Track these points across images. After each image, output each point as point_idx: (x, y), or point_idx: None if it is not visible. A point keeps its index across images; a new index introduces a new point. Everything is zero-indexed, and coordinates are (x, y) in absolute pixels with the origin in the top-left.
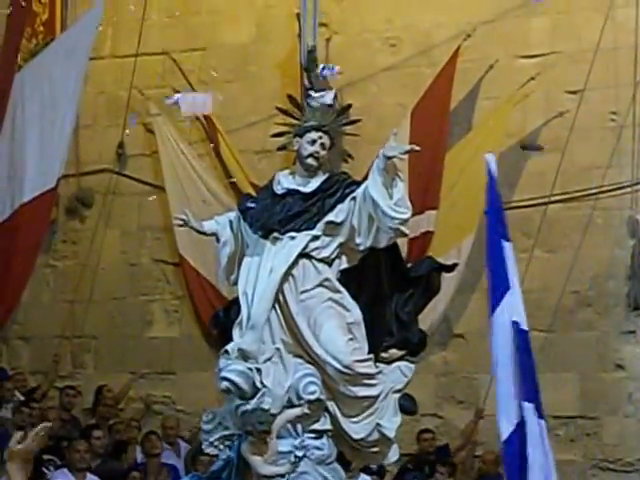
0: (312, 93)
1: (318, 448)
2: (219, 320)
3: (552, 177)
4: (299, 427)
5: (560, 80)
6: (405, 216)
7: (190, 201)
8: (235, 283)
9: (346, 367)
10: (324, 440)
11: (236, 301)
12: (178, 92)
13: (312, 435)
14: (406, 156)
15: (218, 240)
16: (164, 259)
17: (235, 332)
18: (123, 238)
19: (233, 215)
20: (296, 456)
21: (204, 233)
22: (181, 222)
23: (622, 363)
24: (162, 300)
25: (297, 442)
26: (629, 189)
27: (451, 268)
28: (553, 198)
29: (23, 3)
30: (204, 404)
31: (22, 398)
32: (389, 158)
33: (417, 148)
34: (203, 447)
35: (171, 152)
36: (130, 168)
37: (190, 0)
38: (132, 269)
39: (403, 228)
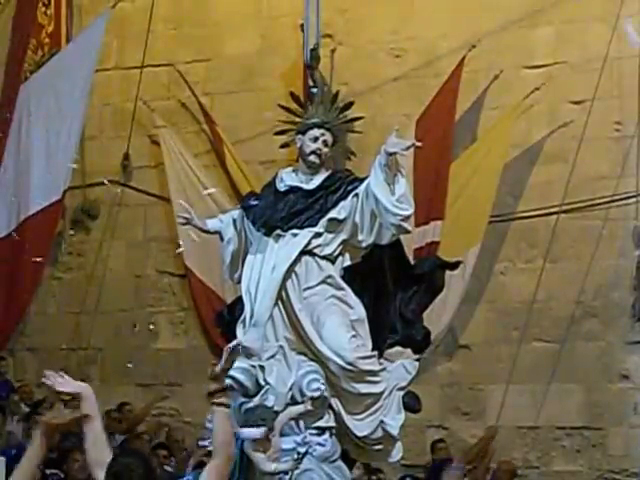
0: (315, 90)
1: (320, 444)
2: (223, 319)
3: (557, 188)
4: (302, 424)
5: (564, 90)
6: (407, 212)
7: (195, 212)
8: (239, 281)
9: (349, 364)
10: (326, 436)
11: (240, 299)
12: (184, 104)
13: (314, 431)
14: (411, 163)
15: (222, 238)
16: (170, 270)
17: (239, 330)
18: (129, 250)
19: (237, 213)
20: (299, 452)
21: (207, 231)
22: (184, 220)
23: (627, 373)
24: (168, 312)
25: (299, 438)
26: (634, 199)
27: (455, 266)
28: (558, 209)
29: None
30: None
31: (27, 410)
32: (391, 154)
33: (418, 144)
34: (205, 444)
35: (176, 163)
36: (136, 180)
37: (195, 12)
38: (138, 281)
39: (405, 224)
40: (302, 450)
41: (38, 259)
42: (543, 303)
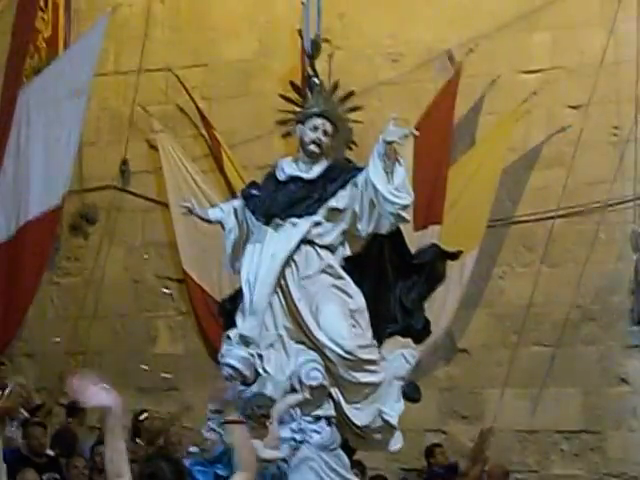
0: (315, 80)
1: (316, 432)
2: (225, 308)
3: (555, 192)
4: (297, 412)
5: (562, 95)
6: (406, 201)
7: (193, 216)
8: (240, 270)
9: (348, 352)
10: (322, 423)
11: (242, 290)
12: (182, 109)
13: (310, 419)
14: (410, 167)
15: (224, 228)
16: (168, 275)
17: (238, 318)
18: (127, 254)
19: (238, 203)
20: (295, 440)
21: (208, 221)
22: (186, 210)
23: (626, 377)
24: (166, 316)
25: (294, 426)
26: (632, 203)
27: (455, 255)
28: (556, 213)
29: None
30: None
31: (27, 415)
32: (389, 143)
33: (416, 132)
34: (204, 432)
35: (174, 168)
36: (134, 184)
37: (193, 16)
38: (136, 285)
39: (404, 213)
40: (298, 438)
41: (37, 264)
42: (541, 307)
